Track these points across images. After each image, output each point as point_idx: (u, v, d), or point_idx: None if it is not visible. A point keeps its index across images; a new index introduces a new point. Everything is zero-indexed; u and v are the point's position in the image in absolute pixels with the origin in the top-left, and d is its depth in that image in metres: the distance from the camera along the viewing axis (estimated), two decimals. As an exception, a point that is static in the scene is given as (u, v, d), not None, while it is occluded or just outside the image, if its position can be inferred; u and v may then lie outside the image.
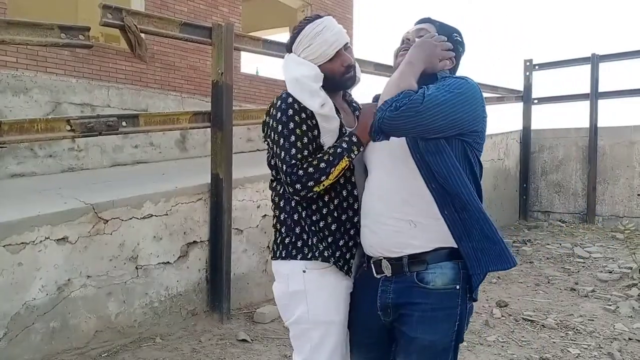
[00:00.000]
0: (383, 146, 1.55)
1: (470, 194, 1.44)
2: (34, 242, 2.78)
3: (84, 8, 8.52)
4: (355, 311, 1.65)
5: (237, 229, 3.95)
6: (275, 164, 1.64)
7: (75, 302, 2.96)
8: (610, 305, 4.05)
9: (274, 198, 1.70)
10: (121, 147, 6.11)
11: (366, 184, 1.64)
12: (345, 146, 1.57)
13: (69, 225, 2.94)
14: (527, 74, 8.55)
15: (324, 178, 1.53)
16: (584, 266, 5.46)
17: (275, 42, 4.36)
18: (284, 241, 1.64)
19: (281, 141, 1.57)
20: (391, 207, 1.51)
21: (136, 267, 3.28)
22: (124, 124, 3.38)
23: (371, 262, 1.58)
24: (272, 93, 8.01)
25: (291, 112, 1.58)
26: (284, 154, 1.55)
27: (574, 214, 8.11)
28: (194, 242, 3.67)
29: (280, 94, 1.66)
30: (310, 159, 1.55)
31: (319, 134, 1.61)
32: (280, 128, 1.57)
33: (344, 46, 1.67)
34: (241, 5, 8.07)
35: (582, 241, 6.68)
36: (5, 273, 2.67)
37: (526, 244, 6.61)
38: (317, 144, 1.60)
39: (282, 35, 11.18)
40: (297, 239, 1.62)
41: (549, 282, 4.85)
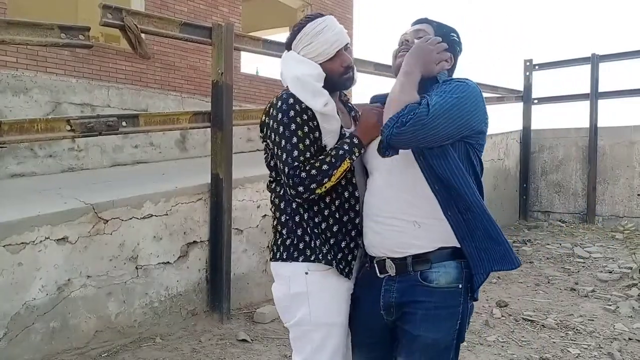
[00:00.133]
0: None
1: (474, 194, 1.45)
2: (34, 242, 2.78)
3: (84, 8, 8.53)
4: (357, 311, 1.64)
5: (237, 229, 3.95)
6: (275, 165, 1.63)
7: (75, 302, 2.96)
8: (610, 305, 4.05)
9: (274, 199, 1.68)
10: (121, 147, 6.11)
11: (368, 185, 1.64)
12: (346, 148, 1.56)
13: (69, 225, 2.94)
14: (527, 74, 8.55)
15: (326, 180, 1.52)
16: (584, 266, 5.46)
17: (275, 42, 4.36)
18: (285, 243, 1.63)
19: (282, 143, 1.55)
20: (395, 208, 1.51)
21: (136, 267, 3.28)
22: (124, 124, 3.38)
23: (374, 262, 1.58)
24: (272, 93, 8.01)
25: (292, 113, 1.56)
26: (285, 156, 1.54)
27: (574, 214, 8.11)
28: (194, 242, 3.67)
29: (280, 94, 1.64)
30: (312, 160, 1.54)
31: (320, 136, 1.59)
32: (281, 129, 1.55)
33: (344, 46, 1.66)
34: (241, 5, 8.08)
35: (582, 241, 6.68)
36: (5, 273, 2.67)
37: (526, 244, 6.61)
38: (318, 145, 1.59)
39: (282, 35, 11.17)
40: (299, 241, 1.60)
41: (549, 282, 4.85)
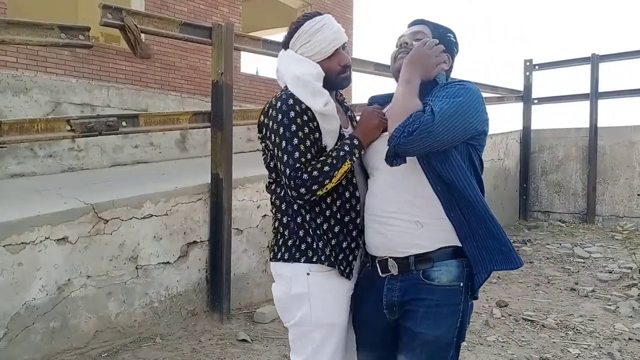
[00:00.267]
0: (384, 148, 1.56)
1: (477, 195, 1.47)
2: (34, 242, 2.78)
3: (84, 8, 8.52)
4: (360, 311, 1.65)
5: (237, 229, 3.95)
6: (275, 166, 1.62)
7: (75, 302, 2.96)
8: (610, 305, 4.05)
9: (275, 201, 1.67)
10: (121, 147, 6.11)
11: (369, 185, 1.65)
12: (347, 149, 1.55)
13: (69, 225, 2.94)
14: (527, 74, 8.55)
15: (327, 182, 1.51)
16: (584, 266, 5.46)
17: (275, 42, 4.36)
18: (287, 243, 1.62)
19: (283, 144, 1.53)
20: (397, 208, 1.52)
21: (136, 267, 3.28)
22: (124, 124, 3.38)
23: (376, 261, 1.59)
24: (272, 93, 8.00)
25: (293, 114, 1.54)
26: (286, 158, 1.52)
27: (574, 214, 8.11)
28: (194, 242, 3.67)
29: (278, 94, 1.63)
30: (313, 162, 1.53)
31: (320, 136, 1.59)
32: (281, 131, 1.54)
33: (342, 45, 1.66)
34: (241, 5, 8.08)
35: (582, 241, 6.68)
36: (5, 273, 2.67)
37: (526, 244, 6.61)
38: (318, 146, 1.58)
39: (282, 35, 11.14)
40: (300, 242, 1.60)
41: (549, 282, 4.85)
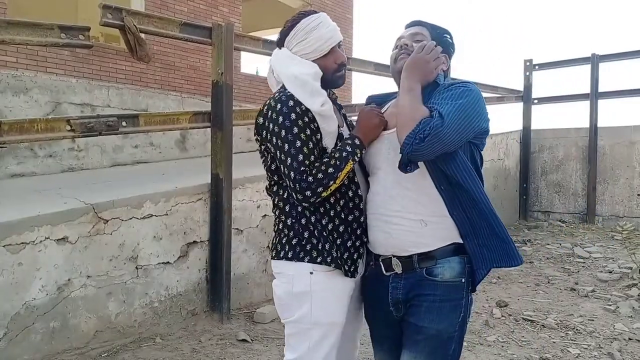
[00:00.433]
0: (388, 147, 1.59)
1: (481, 193, 1.51)
2: (34, 242, 2.78)
3: (84, 8, 8.52)
4: (370, 307, 1.70)
5: (237, 229, 3.95)
6: (276, 168, 1.61)
7: (75, 302, 2.96)
8: (610, 305, 4.05)
9: (278, 203, 1.66)
10: (121, 147, 6.11)
11: (372, 183, 1.66)
12: (349, 149, 1.55)
13: (69, 225, 2.94)
14: (527, 74, 8.54)
15: (332, 183, 1.51)
16: (584, 266, 5.46)
17: (275, 42, 4.35)
18: (291, 242, 1.62)
19: (286, 147, 1.52)
20: (402, 207, 1.54)
21: (136, 267, 3.28)
22: (124, 124, 3.38)
23: (379, 260, 1.61)
24: (271, 93, 7.99)
25: (294, 116, 1.53)
26: (290, 161, 1.51)
27: (574, 214, 8.11)
28: (194, 242, 3.67)
29: (276, 95, 1.61)
30: (317, 164, 1.52)
31: (321, 137, 1.59)
32: (284, 133, 1.53)
33: (337, 44, 1.66)
34: (241, 5, 8.08)
35: (582, 241, 6.68)
36: (5, 273, 2.67)
37: (526, 244, 6.61)
38: (320, 147, 1.58)
39: (282, 35, 11.15)
40: (306, 243, 1.60)
41: (549, 282, 4.85)
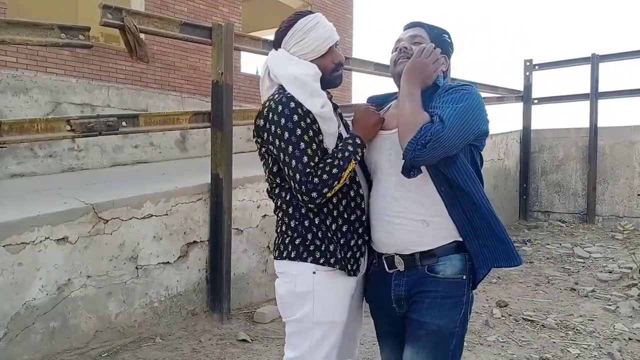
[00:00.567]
0: (389, 148, 1.61)
1: (482, 196, 1.53)
2: (34, 242, 2.78)
3: (84, 8, 8.52)
4: (375, 304, 1.72)
5: (237, 229, 3.95)
6: (278, 170, 1.61)
7: (75, 302, 2.96)
8: (610, 305, 4.05)
9: (281, 205, 1.65)
10: (121, 147, 6.11)
11: (374, 183, 1.67)
12: (351, 149, 1.56)
13: (69, 225, 2.94)
14: (527, 74, 8.54)
15: (336, 183, 1.52)
16: (584, 266, 5.45)
17: (274, 43, 4.35)
18: (294, 242, 1.62)
19: (290, 149, 1.52)
20: (405, 208, 1.56)
21: (136, 267, 3.28)
22: (124, 124, 3.38)
23: (382, 258, 1.63)
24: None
25: (296, 117, 1.53)
26: (295, 163, 1.51)
27: (574, 214, 8.11)
28: (194, 242, 3.67)
29: (276, 96, 1.60)
30: (321, 165, 1.53)
31: (323, 138, 1.59)
32: (286, 135, 1.53)
33: (335, 43, 1.66)
34: (241, 5, 8.08)
35: (582, 241, 6.68)
36: (5, 273, 2.67)
37: (526, 244, 6.61)
38: (322, 148, 1.58)
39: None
40: (310, 244, 1.60)
41: (549, 282, 4.85)
